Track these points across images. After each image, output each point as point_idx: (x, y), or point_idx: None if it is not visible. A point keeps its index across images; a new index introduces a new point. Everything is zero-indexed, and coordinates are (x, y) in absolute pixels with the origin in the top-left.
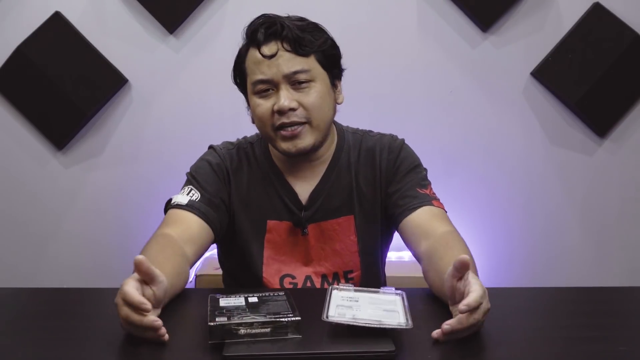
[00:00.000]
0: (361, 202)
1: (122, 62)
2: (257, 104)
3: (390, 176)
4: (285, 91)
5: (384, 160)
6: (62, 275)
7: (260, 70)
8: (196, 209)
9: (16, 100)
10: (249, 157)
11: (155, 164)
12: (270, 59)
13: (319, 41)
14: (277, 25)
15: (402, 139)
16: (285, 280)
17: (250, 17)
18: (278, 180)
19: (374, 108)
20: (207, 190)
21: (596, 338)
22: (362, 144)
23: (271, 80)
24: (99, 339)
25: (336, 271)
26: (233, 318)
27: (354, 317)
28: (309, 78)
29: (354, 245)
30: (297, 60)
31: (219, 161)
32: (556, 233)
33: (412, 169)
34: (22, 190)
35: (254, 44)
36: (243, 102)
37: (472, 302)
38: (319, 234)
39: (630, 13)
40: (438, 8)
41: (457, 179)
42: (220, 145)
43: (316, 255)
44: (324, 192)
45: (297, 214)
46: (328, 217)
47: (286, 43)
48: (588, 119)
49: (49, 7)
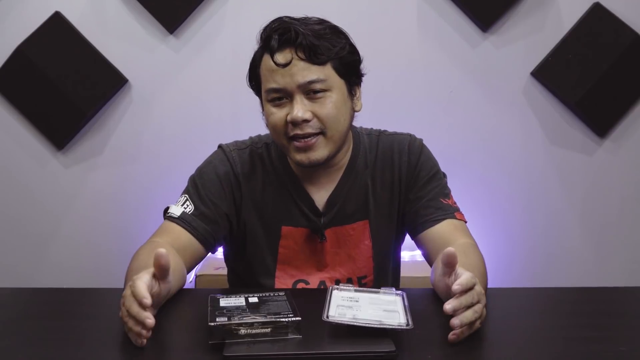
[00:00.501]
0: (377, 206)
1: (122, 62)
2: (271, 112)
3: (410, 181)
4: (299, 101)
5: (404, 163)
6: (61, 275)
7: (274, 78)
8: (187, 223)
9: (16, 100)
10: (264, 160)
11: (155, 163)
12: (283, 68)
13: (336, 48)
14: (291, 32)
15: (420, 139)
16: (298, 285)
17: (250, 17)
18: (294, 186)
19: (374, 108)
20: (204, 201)
21: (596, 338)
22: (379, 145)
23: (284, 90)
24: (99, 339)
25: (350, 276)
26: (233, 318)
27: (354, 317)
28: (324, 87)
29: (368, 250)
30: (312, 69)
31: (227, 168)
32: (556, 233)
33: (434, 175)
34: (22, 191)
35: (267, 50)
36: (243, 102)
37: (464, 281)
38: (335, 239)
39: (630, 13)
40: (438, 8)
41: (457, 179)
42: (231, 146)
43: (331, 260)
44: (340, 198)
45: (314, 221)
46: (344, 222)
47: (300, 51)
48: (588, 119)
49: (49, 7)
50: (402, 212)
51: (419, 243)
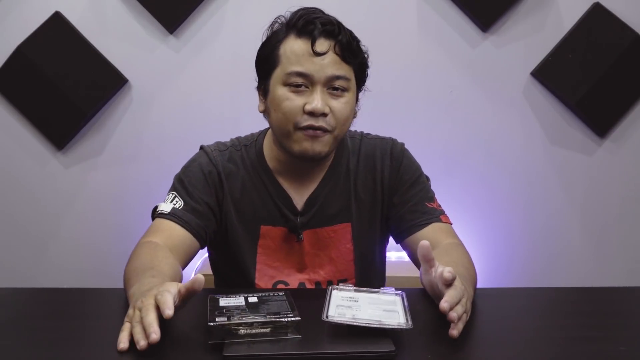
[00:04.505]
0: (359, 209)
1: (122, 62)
2: (287, 97)
3: (394, 185)
4: (321, 93)
5: (387, 167)
6: (61, 275)
7: (302, 63)
8: (179, 218)
9: (16, 100)
10: (244, 160)
11: (155, 163)
12: (319, 56)
13: (362, 54)
14: (334, 25)
15: (402, 144)
16: (278, 286)
17: (250, 17)
18: (272, 185)
19: (374, 108)
20: (192, 196)
21: (596, 338)
22: (361, 149)
23: (310, 77)
24: (99, 339)
25: (330, 279)
26: (233, 318)
27: (354, 317)
28: (345, 86)
29: (349, 253)
30: (342, 66)
31: (210, 167)
32: (556, 233)
33: (417, 178)
34: (22, 191)
35: (304, 35)
36: (243, 102)
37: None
38: (315, 240)
39: (630, 13)
40: (438, 8)
41: (457, 179)
42: (212, 146)
43: (310, 262)
44: (320, 198)
45: (292, 220)
46: (324, 224)
47: (339, 46)
48: (588, 119)
49: (49, 7)
50: (386, 216)
51: (405, 247)
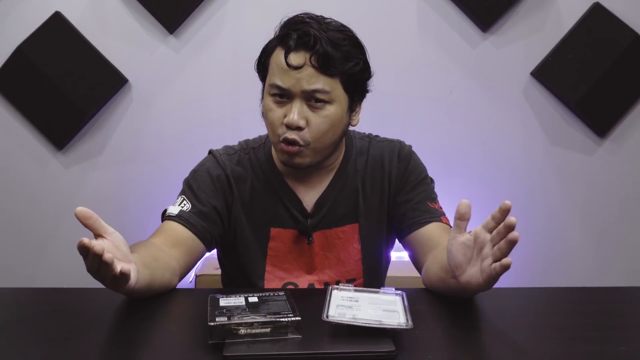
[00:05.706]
0: (367, 210)
1: (122, 62)
2: (270, 107)
3: (399, 185)
4: (298, 106)
5: (394, 168)
6: (61, 275)
7: (280, 76)
8: (185, 220)
9: (16, 100)
10: (252, 163)
11: (155, 163)
12: (294, 70)
13: (350, 63)
14: (310, 35)
15: (409, 146)
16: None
17: (250, 17)
18: (281, 188)
19: (374, 108)
20: (200, 200)
21: (596, 338)
22: (370, 150)
23: (288, 91)
24: (99, 339)
25: (339, 279)
26: (233, 318)
27: (354, 317)
28: (326, 99)
29: (357, 253)
30: (320, 78)
31: (219, 171)
32: (556, 233)
33: (422, 179)
34: (22, 191)
35: (282, 46)
36: (243, 102)
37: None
38: (324, 242)
39: (630, 13)
40: (438, 8)
41: (457, 178)
42: (221, 150)
43: (320, 263)
44: (329, 200)
45: (302, 222)
46: (333, 225)
47: (314, 58)
48: (588, 119)
49: (49, 7)
50: (390, 216)
51: (405, 245)
